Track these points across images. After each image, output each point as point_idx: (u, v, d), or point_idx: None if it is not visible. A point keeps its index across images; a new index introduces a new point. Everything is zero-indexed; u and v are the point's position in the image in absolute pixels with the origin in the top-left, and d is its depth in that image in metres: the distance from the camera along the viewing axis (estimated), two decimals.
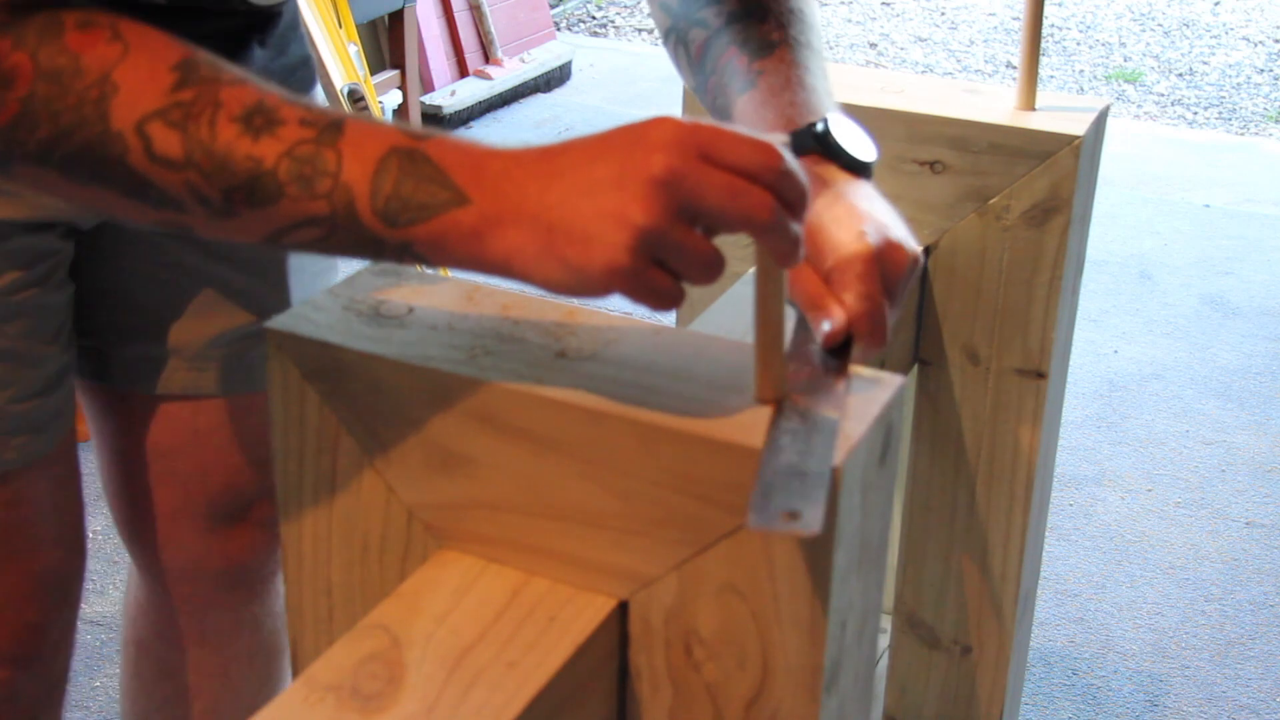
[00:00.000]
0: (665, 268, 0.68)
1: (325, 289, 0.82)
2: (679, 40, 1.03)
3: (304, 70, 1.18)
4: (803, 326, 0.85)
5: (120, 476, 1.29)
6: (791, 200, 0.68)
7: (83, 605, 1.28)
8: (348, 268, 0.91)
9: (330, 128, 0.70)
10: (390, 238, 0.70)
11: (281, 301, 1.23)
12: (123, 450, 1.28)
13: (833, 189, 0.89)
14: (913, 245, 0.86)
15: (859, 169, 0.91)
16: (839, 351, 0.81)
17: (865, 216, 0.85)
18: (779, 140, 0.69)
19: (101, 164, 0.71)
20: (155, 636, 1.39)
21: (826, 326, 0.81)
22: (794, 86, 0.93)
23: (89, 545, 1.29)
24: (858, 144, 0.92)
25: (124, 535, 1.34)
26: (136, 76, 0.70)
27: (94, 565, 2.17)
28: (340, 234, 0.71)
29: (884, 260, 0.83)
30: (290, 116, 0.70)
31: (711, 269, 0.68)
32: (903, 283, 0.85)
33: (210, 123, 0.70)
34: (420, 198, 0.69)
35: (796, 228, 0.68)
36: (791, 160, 0.68)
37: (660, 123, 0.68)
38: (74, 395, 1.18)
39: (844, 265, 0.82)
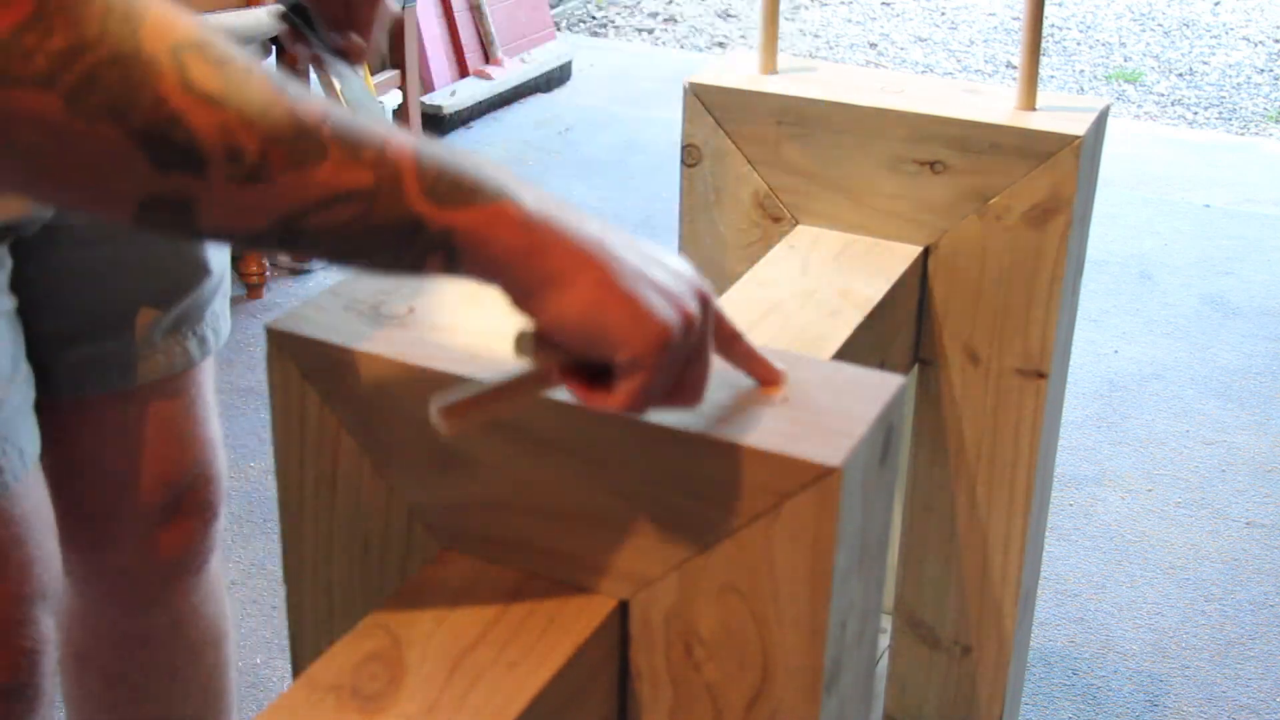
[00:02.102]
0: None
1: (326, 289, 0.82)
2: None
3: None
4: None
5: (54, 486, 1.25)
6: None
7: None
8: None
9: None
10: (433, 221, 0.64)
11: (203, 272, 1.23)
12: (54, 460, 1.24)
13: None
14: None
15: None
16: None
17: None
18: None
19: (124, 91, 0.58)
20: (97, 645, 1.36)
21: None
22: None
23: None
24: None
25: (60, 545, 1.29)
26: (164, 13, 0.60)
27: None
28: (377, 214, 0.63)
29: None
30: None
31: (698, 396, 0.72)
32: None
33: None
34: (473, 178, 0.65)
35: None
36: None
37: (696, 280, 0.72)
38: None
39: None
